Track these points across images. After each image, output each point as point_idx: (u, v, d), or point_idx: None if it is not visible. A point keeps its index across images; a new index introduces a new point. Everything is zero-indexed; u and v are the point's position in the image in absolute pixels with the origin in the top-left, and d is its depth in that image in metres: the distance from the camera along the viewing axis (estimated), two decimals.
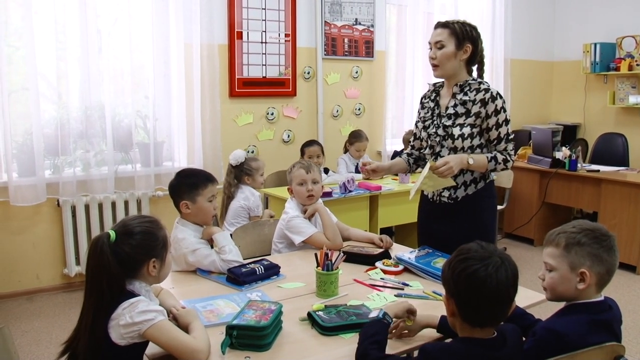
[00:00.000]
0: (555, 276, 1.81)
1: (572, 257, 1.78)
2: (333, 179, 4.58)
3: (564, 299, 1.82)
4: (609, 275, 1.80)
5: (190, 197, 2.54)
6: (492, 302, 1.61)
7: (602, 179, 5.34)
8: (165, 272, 1.93)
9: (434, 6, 6.08)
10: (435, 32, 2.77)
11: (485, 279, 1.58)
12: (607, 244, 1.78)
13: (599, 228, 1.81)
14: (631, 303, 4.53)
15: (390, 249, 2.88)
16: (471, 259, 1.62)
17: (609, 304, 1.82)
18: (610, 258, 1.79)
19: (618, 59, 6.77)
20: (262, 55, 5.06)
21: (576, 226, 1.82)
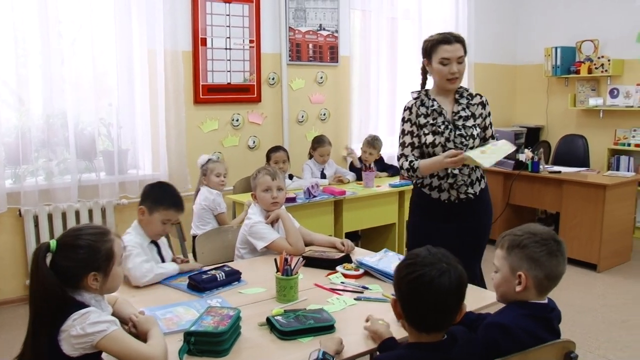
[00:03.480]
0: (499, 277, 1.85)
1: (512, 259, 1.81)
2: (298, 184, 4.62)
3: (507, 300, 1.86)
4: (548, 280, 1.80)
5: (149, 206, 2.59)
6: (434, 308, 1.62)
7: (564, 180, 5.44)
8: (110, 285, 1.87)
9: (397, 11, 6.17)
10: (454, 47, 2.91)
11: (430, 283, 1.60)
12: (550, 248, 1.79)
13: (544, 232, 1.83)
14: (592, 301, 4.63)
15: (352, 252, 2.91)
16: (417, 264, 1.63)
17: (552, 307, 1.86)
18: (551, 263, 1.79)
19: (578, 63, 6.93)
20: (226, 61, 5.06)
21: (522, 229, 1.85)
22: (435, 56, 2.94)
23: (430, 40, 2.99)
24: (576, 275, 5.19)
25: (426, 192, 3.08)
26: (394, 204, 4.80)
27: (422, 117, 3.02)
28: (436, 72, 2.97)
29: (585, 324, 4.13)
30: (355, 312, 2.21)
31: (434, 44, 2.95)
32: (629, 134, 6.73)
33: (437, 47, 2.93)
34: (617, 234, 5.44)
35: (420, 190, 3.11)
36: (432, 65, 2.98)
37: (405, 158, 3.03)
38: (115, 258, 1.87)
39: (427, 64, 3.03)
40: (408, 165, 3.01)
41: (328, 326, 2.00)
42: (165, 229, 2.64)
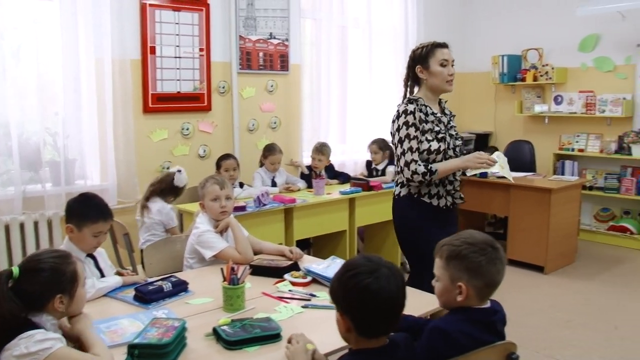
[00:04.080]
0: (440, 286, 1.87)
1: (452, 270, 1.82)
2: (248, 192, 4.60)
3: (450, 307, 1.88)
4: (488, 287, 1.83)
5: (76, 223, 2.52)
6: (387, 312, 1.65)
7: (511, 185, 5.55)
8: (75, 306, 1.89)
9: (347, 20, 6.22)
10: (448, 51, 3.08)
11: (378, 291, 1.61)
12: (488, 257, 1.80)
13: (482, 241, 1.84)
14: (539, 302, 4.75)
15: (300, 260, 2.93)
16: (361, 273, 1.63)
17: (495, 309, 1.89)
18: (490, 271, 1.81)
19: (524, 70, 7.13)
20: (176, 70, 5.02)
21: (460, 238, 1.85)
22: (433, 59, 3.04)
23: (424, 47, 3.08)
24: (524, 278, 5.32)
25: (426, 201, 3.07)
26: (344, 211, 4.83)
27: (425, 123, 3.02)
28: (436, 74, 3.05)
29: (532, 325, 4.24)
30: (302, 320, 2.23)
31: (429, 49, 3.05)
32: (573, 139, 6.94)
33: (435, 51, 3.05)
34: (563, 236, 5.61)
35: (419, 199, 3.07)
36: (431, 69, 3.04)
37: (417, 163, 2.97)
38: (79, 280, 1.88)
39: (422, 70, 3.06)
40: (425, 169, 2.95)
41: (274, 335, 2.01)
42: (99, 241, 2.57)
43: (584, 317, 4.43)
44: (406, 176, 2.99)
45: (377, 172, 5.56)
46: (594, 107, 6.67)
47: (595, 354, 3.81)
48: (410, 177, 2.98)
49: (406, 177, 3.00)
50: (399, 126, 3.01)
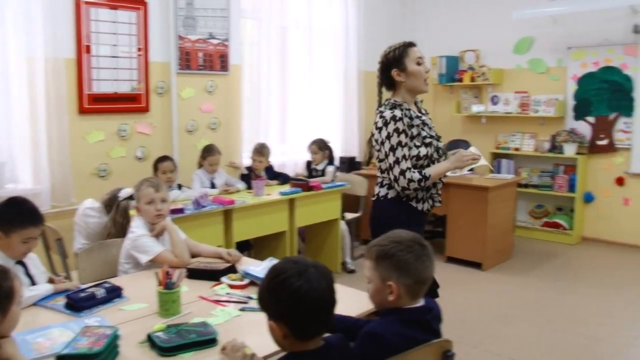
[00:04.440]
0: (372, 288, 1.88)
1: (381, 269, 1.84)
2: (187, 195, 4.55)
3: (383, 307, 1.89)
4: (419, 284, 1.84)
5: (4, 229, 2.41)
6: (321, 312, 1.65)
7: (449, 183, 5.65)
8: (7, 325, 1.78)
9: (288, 20, 6.22)
10: (418, 49, 3.01)
11: (309, 292, 1.60)
12: (416, 254, 1.83)
13: (409, 238, 1.87)
14: (477, 298, 4.87)
15: (238, 262, 2.91)
16: (290, 277, 1.62)
17: (429, 307, 1.91)
18: (418, 268, 1.83)
19: (461, 71, 7.29)
20: (113, 70, 4.91)
21: (388, 238, 1.88)
22: (409, 59, 2.95)
23: (396, 48, 2.99)
24: (463, 274, 5.44)
25: (413, 205, 2.96)
26: (284, 211, 4.83)
27: (413, 128, 2.91)
28: (415, 74, 2.95)
29: (471, 321, 4.34)
30: (239, 323, 2.22)
31: (402, 49, 2.98)
32: (509, 138, 7.14)
33: (408, 50, 2.97)
34: (500, 233, 5.75)
35: (407, 202, 2.94)
36: (408, 70, 2.94)
37: (411, 170, 2.84)
38: (15, 297, 1.78)
39: (399, 73, 2.95)
40: (420, 176, 2.85)
41: (210, 340, 1.99)
42: (29, 247, 2.48)
43: (520, 312, 4.56)
44: (401, 185, 2.85)
45: (316, 173, 5.58)
46: (529, 107, 6.88)
47: (530, 347, 3.93)
48: (406, 185, 2.84)
49: (402, 186, 2.85)
50: (389, 133, 2.85)
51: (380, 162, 2.96)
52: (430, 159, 2.94)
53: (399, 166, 2.83)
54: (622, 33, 6.28)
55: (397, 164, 2.83)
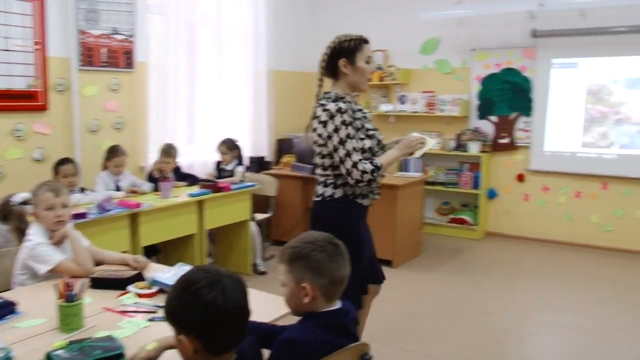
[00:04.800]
0: (287, 291, 1.84)
1: (295, 271, 1.81)
2: (90, 198, 4.32)
3: (300, 312, 1.85)
4: (334, 285, 1.83)
5: None
6: (237, 324, 1.58)
7: None
8: None
9: (196, 16, 6.06)
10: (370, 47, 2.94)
11: (225, 304, 1.52)
12: (329, 253, 1.81)
13: (322, 239, 1.84)
14: (388, 295, 4.87)
15: (145, 269, 2.78)
16: (204, 287, 1.53)
17: (346, 310, 1.89)
18: (332, 267, 1.81)
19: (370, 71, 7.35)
20: (6, 64, 4.60)
21: (300, 239, 1.85)
22: (360, 55, 2.89)
23: (352, 40, 2.91)
24: None
25: (358, 202, 2.93)
26: (193, 213, 4.69)
27: (357, 121, 2.87)
28: (361, 71, 2.91)
29: (384, 318, 4.37)
30: (149, 335, 2.10)
31: (357, 43, 2.90)
32: None
33: (362, 46, 2.90)
34: (409, 230, 5.86)
35: (355, 200, 2.91)
36: (357, 65, 2.89)
37: (362, 162, 2.78)
38: None
39: (347, 64, 2.90)
40: (372, 166, 2.79)
41: (116, 355, 1.87)
42: None
43: (431, 307, 4.66)
44: (355, 178, 2.77)
45: (226, 173, 5.48)
46: (435, 106, 7.05)
47: (442, 342, 4.01)
48: (360, 177, 2.77)
49: (355, 178, 2.78)
50: (336, 127, 2.77)
51: (323, 158, 2.88)
52: (373, 152, 2.90)
53: (351, 158, 2.76)
54: (521, 36, 6.56)
55: (348, 157, 2.76)
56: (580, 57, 6.41)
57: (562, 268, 5.79)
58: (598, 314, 4.54)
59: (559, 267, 5.82)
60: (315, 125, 2.85)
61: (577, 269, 5.76)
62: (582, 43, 6.32)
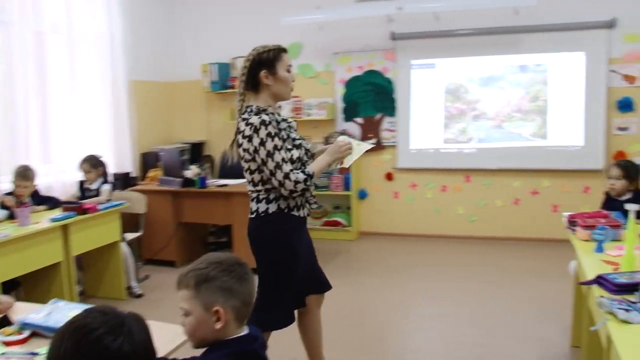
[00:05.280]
0: (193, 320, 1.66)
1: (204, 296, 1.65)
2: None
3: (207, 343, 1.68)
4: (246, 306, 1.71)
5: None
6: None
7: (232, 192, 5.57)
8: None
9: (44, 24, 5.53)
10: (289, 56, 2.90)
11: (134, 350, 1.36)
12: (237, 273, 1.69)
13: (227, 259, 1.72)
14: None
15: (10, 310, 2.44)
16: (106, 334, 1.33)
17: (254, 335, 1.76)
18: (243, 288, 1.70)
19: (233, 78, 7.21)
20: None
21: (204, 261, 1.70)
22: (280, 64, 2.84)
23: (270, 50, 2.85)
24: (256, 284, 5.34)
25: (295, 214, 2.86)
26: (57, 240, 4.24)
27: (282, 132, 2.79)
28: (283, 80, 2.86)
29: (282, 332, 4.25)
30: None
31: (276, 52, 2.85)
32: None
33: (282, 56, 2.86)
34: None
35: (290, 213, 2.84)
36: (278, 75, 2.84)
37: (293, 172, 2.73)
38: None
39: (268, 75, 2.82)
40: (304, 175, 2.74)
41: None
42: None
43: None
44: (289, 189, 2.73)
45: (90, 193, 5.07)
46: (302, 111, 7.04)
47: (332, 346, 3.93)
48: (293, 187, 2.73)
49: (289, 189, 2.73)
50: (262, 140, 2.69)
51: (252, 173, 2.79)
52: (302, 162, 2.86)
53: (282, 170, 2.71)
54: (381, 39, 6.74)
55: (278, 169, 2.71)
56: (437, 58, 6.70)
57: (435, 260, 6.01)
58: (475, 301, 4.72)
59: (433, 260, 6.03)
60: (240, 140, 2.77)
61: (449, 260, 6.00)
62: (438, 45, 6.61)
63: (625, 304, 2.20)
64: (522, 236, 6.59)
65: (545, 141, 6.44)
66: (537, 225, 6.54)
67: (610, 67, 6.14)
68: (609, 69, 6.14)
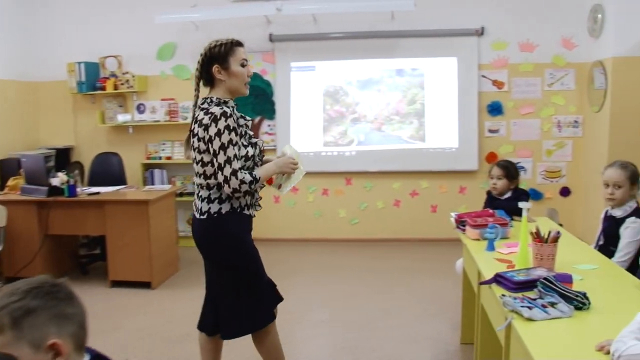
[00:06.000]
0: None
1: (30, 332, 1.32)
2: None
3: None
4: (82, 329, 1.42)
5: None
6: None
7: (104, 200, 5.21)
8: None
9: None
10: (245, 50, 2.81)
11: None
12: (64, 294, 1.40)
13: (43, 281, 1.40)
14: (153, 321, 4.48)
15: None
16: None
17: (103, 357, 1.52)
18: (75, 309, 1.41)
19: (103, 79, 6.78)
20: None
21: (15, 292, 1.35)
22: (234, 58, 2.76)
23: (223, 44, 2.76)
24: (132, 298, 5.01)
25: (246, 213, 2.83)
26: None
27: (240, 128, 2.75)
28: (237, 75, 2.78)
29: (150, 346, 3.98)
30: None
31: (229, 47, 2.76)
32: (159, 147, 6.91)
33: (235, 49, 2.77)
34: (165, 247, 5.51)
35: (242, 213, 2.81)
36: (231, 69, 2.76)
37: (242, 171, 2.68)
38: None
39: (220, 70, 2.75)
40: (251, 177, 2.71)
41: None
42: None
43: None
44: (233, 186, 2.66)
45: None
46: (177, 114, 6.76)
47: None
48: (238, 187, 2.67)
49: (233, 187, 2.67)
50: (219, 130, 2.62)
51: (205, 166, 2.72)
52: (255, 161, 2.82)
53: (231, 166, 2.66)
54: (259, 41, 6.60)
55: (228, 164, 2.65)
56: (316, 61, 6.67)
57: (320, 264, 5.96)
58: (363, 304, 4.71)
59: (318, 264, 5.98)
60: (196, 129, 2.70)
61: (334, 264, 5.97)
62: (317, 47, 6.59)
63: (527, 301, 2.22)
64: (403, 237, 6.72)
65: (423, 143, 6.61)
66: (417, 225, 6.70)
67: (480, 73, 6.43)
68: (480, 74, 6.43)
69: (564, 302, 2.19)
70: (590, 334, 2.01)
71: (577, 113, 6.38)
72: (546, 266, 2.61)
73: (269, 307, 3.01)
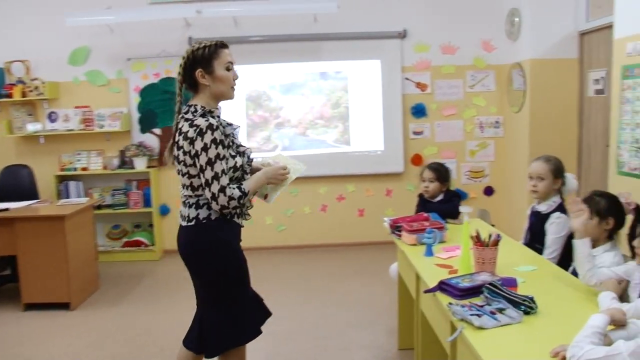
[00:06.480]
0: None
1: None
2: None
3: None
4: None
5: None
6: None
7: (15, 217, 4.83)
8: None
9: None
10: (230, 52, 2.68)
11: None
12: None
13: None
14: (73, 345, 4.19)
15: None
16: None
17: None
18: None
19: (10, 85, 6.35)
20: None
21: None
22: (218, 62, 2.61)
23: (206, 47, 2.60)
24: (49, 321, 4.67)
25: (236, 221, 2.71)
26: None
27: (227, 138, 2.61)
28: (223, 80, 2.63)
29: None
30: None
31: (213, 49, 2.60)
32: (74, 158, 6.55)
33: (219, 52, 2.62)
34: (83, 264, 5.19)
35: (232, 220, 2.68)
36: (215, 73, 2.60)
37: (230, 187, 2.55)
38: None
39: (204, 75, 2.59)
40: (240, 192, 2.58)
41: None
42: None
43: (127, 347, 4.11)
44: (221, 203, 2.53)
45: None
46: (93, 122, 6.42)
47: None
48: (226, 203, 2.54)
49: (221, 204, 2.54)
50: (206, 144, 2.48)
51: (191, 178, 2.60)
52: (244, 170, 2.69)
53: (219, 182, 2.53)
54: (178, 44, 6.34)
55: (216, 180, 2.52)
56: (238, 65, 6.39)
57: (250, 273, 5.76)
58: (297, 314, 4.59)
59: None
60: (181, 142, 2.56)
61: (263, 272, 5.74)
62: (239, 51, 6.32)
63: (475, 308, 2.17)
64: (331, 242, 6.65)
65: (349, 147, 6.56)
66: (344, 230, 6.65)
67: (404, 75, 6.45)
68: (403, 77, 6.45)
69: (512, 308, 2.15)
70: (542, 339, 1.98)
71: (498, 114, 6.51)
72: (488, 270, 2.57)
73: (255, 322, 2.88)
